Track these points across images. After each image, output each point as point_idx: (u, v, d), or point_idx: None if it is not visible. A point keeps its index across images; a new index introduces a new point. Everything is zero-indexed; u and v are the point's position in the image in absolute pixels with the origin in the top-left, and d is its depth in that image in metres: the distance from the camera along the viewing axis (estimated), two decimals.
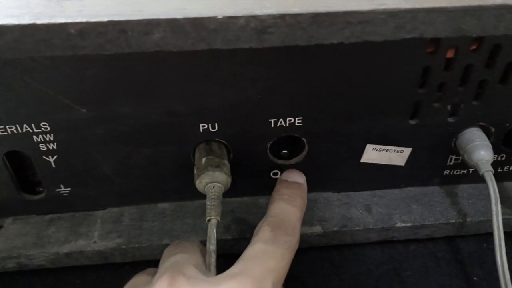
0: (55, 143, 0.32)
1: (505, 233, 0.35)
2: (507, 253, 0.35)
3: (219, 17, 0.23)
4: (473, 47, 0.30)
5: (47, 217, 0.36)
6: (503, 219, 0.35)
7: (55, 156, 0.32)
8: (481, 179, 0.33)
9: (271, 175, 0.36)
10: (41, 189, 0.35)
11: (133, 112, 0.31)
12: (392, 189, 0.38)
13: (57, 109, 0.30)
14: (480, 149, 0.33)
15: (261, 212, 0.36)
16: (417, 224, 0.35)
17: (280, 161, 0.35)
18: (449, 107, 0.33)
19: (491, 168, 0.33)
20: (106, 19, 0.22)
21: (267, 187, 0.37)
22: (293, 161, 0.35)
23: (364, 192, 0.38)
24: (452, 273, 0.35)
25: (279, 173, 0.36)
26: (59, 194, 0.35)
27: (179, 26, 0.23)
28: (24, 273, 0.34)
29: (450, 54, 0.30)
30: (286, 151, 0.36)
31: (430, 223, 0.35)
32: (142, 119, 0.31)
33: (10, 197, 0.35)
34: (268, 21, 0.24)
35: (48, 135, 0.31)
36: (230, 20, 0.23)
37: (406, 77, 0.31)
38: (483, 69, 0.31)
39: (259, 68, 0.29)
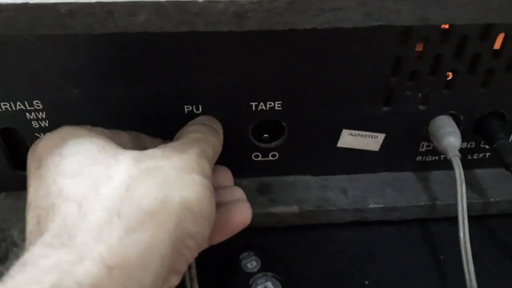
0: (47, 121, 0.34)
1: (472, 216, 0.38)
2: (474, 235, 0.37)
3: (200, 1, 0.25)
4: (442, 37, 0.32)
5: None
6: (471, 203, 0.37)
7: None
8: (452, 166, 0.35)
9: (253, 157, 0.38)
10: None
11: (122, 93, 0.32)
12: (367, 174, 0.40)
13: (50, 88, 0.32)
14: (449, 136, 0.35)
15: None
16: (390, 206, 0.37)
17: (262, 145, 0.37)
18: (420, 95, 0.35)
19: (458, 153, 0.35)
20: (94, 0, 0.24)
21: (249, 169, 0.39)
22: (274, 144, 0.37)
23: (341, 176, 0.40)
24: (422, 253, 0.37)
25: (261, 156, 0.38)
26: None
27: (162, 9, 0.25)
28: None
29: (420, 44, 0.32)
30: (267, 135, 0.38)
31: (402, 205, 0.37)
32: (130, 100, 0.33)
33: (3, 173, 0.36)
34: (247, 6, 0.26)
35: (40, 113, 0.33)
36: (211, 4, 0.25)
37: (379, 66, 0.33)
38: (452, 59, 0.33)
39: (241, 52, 0.31)
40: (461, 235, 0.32)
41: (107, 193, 0.22)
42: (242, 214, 0.30)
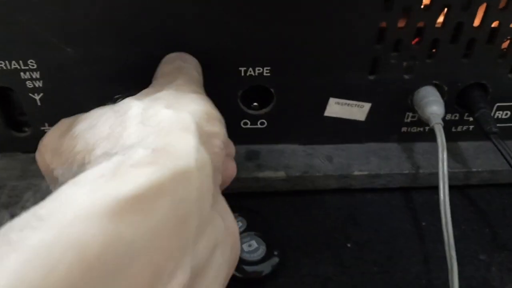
0: (41, 81, 0.34)
1: (454, 186, 0.39)
2: (455, 203, 0.38)
3: None
4: (425, 5, 0.33)
5: (32, 155, 0.38)
6: (454, 173, 0.39)
7: (41, 94, 0.35)
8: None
9: (242, 124, 0.39)
10: (27, 128, 0.38)
11: (114, 54, 0.33)
12: (354, 144, 0.41)
13: (45, 48, 0.33)
14: (432, 104, 0.36)
15: None
16: (373, 173, 0.38)
17: (250, 111, 0.38)
18: (404, 64, 0.36)
19: (441, 121, 0.36)
20: None
21: (238, 137, 0.39)
22: (263, 111, 0.38)
23: (328, 145, 0.41)
24: (404, 219, 0.38)
25: (249, 123, 0.39)
26: (44, 133, 0.37)
27: None
28: None
29: (403, 13, 0.33)
30: (256, 104, 0.39)
31: (385, 173, 0.38)
32: (123, 62, 0.34)
33: None
34: None
35: (34, 73, 0.34)
36: None
37: (364, 33, 0.34)
38: (434, 29, 0.34)
39: (230, 15, 0.32)
40: (441, 197, 0.33)
41: (128, 120, 0.23)
42: (228, 171, 0.31)
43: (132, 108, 0.24)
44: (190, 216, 0.19)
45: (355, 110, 0.38)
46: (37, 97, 0.35)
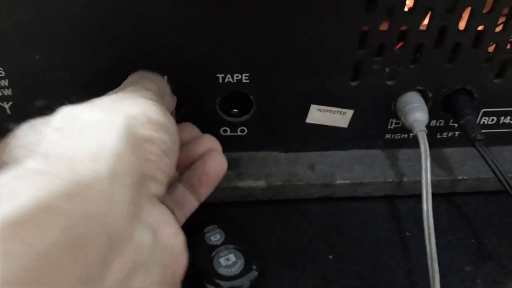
0: (10, 89, 0.33)
1: (440, 194, 0.38)
2: (441, 212, 0.37)
3: None
4: (408, 9, 0.32)
5: None
6: (439, 181, 0.38)
7: (10, 102, 0.34)
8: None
9: (221, 132, 0.38)
10: None
11: (85, 60, 0.32)
12: (337, 151, 0.40)
13: (12, 55, 0.31)
14: (415, 111, 0.35)
15: None
16: (356, 181, 0.37)
17: (230, 118, 0.37)
18: (387, 70, 0.35)
19: (424, 128, 0.35)
20: None
21: None
22: (243, 118, 0.37)
23: (311, 152, 0.40)
24: (388, 228, 0.37)
25: (229, 131, 0.38)
26: None
27: None
28: None
29: (386, 18, 0.32)
30: (236, 110, 0.37)
31: (369, 181, 0.37)
32: (94, 68, 0.33)
33: None
34: None
35: (3, 81, 0.33)
36: None
37: (346, 37, 0.33)
38: (418, 33, 0.33)
39: (207, 20, 0.31)
40: (424, 207, 0.32)
41: (48, 125, 0.21)
42: (217, 165, 0.30)
43: (60, 113, 0.22)
44: (94, 235, 0.16)
45: (337, 117, 0.37)
46: (6, 105, 0.34)
